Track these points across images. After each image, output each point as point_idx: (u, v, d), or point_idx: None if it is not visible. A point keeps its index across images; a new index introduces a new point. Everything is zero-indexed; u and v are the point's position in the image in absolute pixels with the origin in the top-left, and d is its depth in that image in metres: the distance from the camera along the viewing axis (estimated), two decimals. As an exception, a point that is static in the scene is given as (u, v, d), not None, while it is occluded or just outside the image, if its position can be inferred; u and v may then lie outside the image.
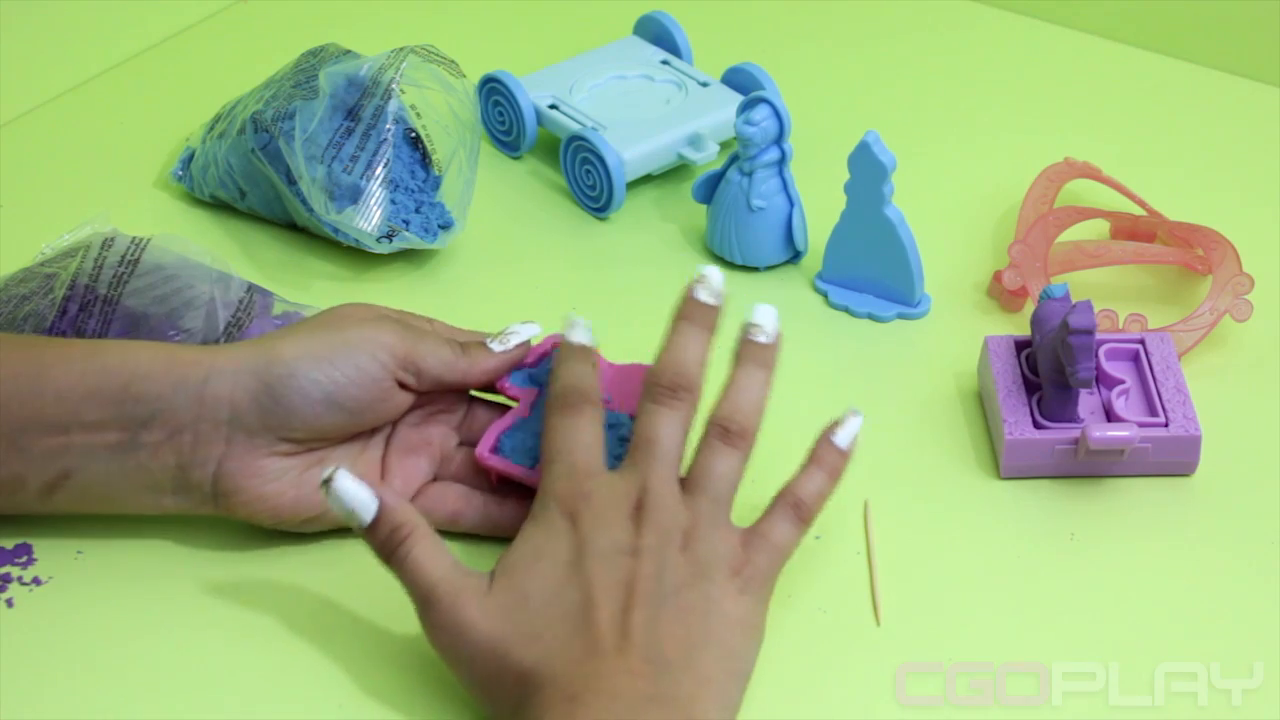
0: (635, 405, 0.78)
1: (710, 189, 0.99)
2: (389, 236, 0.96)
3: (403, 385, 0.79)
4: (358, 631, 0.77)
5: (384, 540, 0.72)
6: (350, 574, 0.80)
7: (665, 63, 1.10)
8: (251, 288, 0.88)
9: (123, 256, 0.86)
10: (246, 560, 0.79)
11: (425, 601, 0.72)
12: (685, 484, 0.75)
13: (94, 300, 0.85)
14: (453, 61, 1.00)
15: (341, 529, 0.80)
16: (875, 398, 0.90)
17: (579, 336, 0.79)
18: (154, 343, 0.80)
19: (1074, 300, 0.83)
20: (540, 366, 0.82)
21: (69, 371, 0.76)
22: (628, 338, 0.83)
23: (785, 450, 0.86)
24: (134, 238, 0.87)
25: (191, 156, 1.04)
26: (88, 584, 0.79)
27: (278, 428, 0.77)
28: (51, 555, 0.80)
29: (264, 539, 0.80)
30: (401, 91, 0.98)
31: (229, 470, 0.77)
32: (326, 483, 0.72)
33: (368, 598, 0.79)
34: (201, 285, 0.86)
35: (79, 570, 0.80)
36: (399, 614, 0.78)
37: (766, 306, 0.79)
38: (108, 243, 0.86)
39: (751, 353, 0.77)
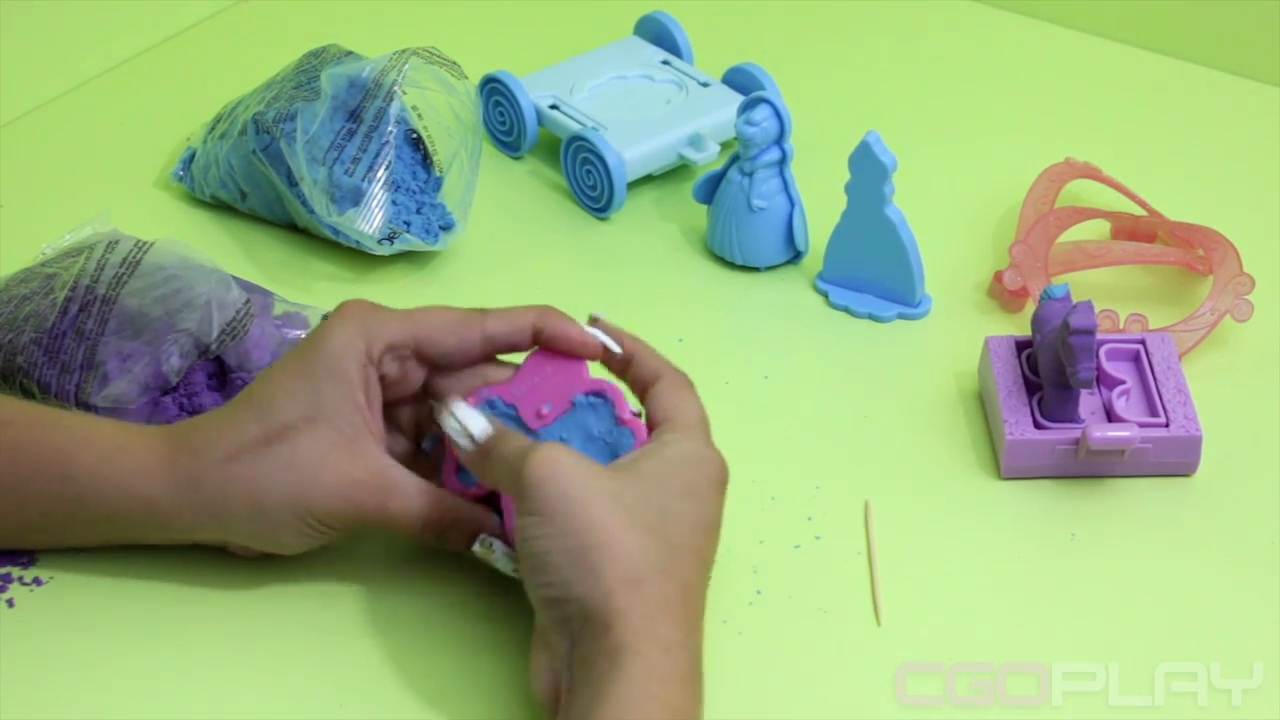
0: (567, 390, 0.77)
1: (711, 189, 0.99)
2: (390, 238, 0.96)
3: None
4: (358, 632, 0.77)
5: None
6: (352, 574, 0.80)
7: (666, 63, 1.10)
8: (250, 296, 0.88)
9: (125, 258, 0.86)
10: (248, 561, 0.79)
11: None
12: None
13: (93, 300, 0.85)
14: (454, 63, 1.00)
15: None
16: (876, 398, 0.90)
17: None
18: (126, 468, 0.76)
19: (1074, 300, 0.83)
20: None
21: (49, 493, 0.76)
22: (628, 337, 0.83)
23: (785, 449, 0.86)
24: (138, 240, 0.87)
25: (192, 157, 1.04)
26: (88, 584, 0.79)
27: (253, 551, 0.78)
28: (51, 555, 0.80)
29: (264, 539, 0.81)
30: (403, 93, 0.98)
31: (237, 554, 0.79)
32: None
33: (369, 598, 0.79)
34: (201, 286, 0.86)
35: (79, 570, 0.79)
36: (400, 614, 0.78)
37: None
38: (111, 244, 0.86)
39: None
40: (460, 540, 0.76)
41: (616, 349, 0.77)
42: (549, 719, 0.70)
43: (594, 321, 0.77)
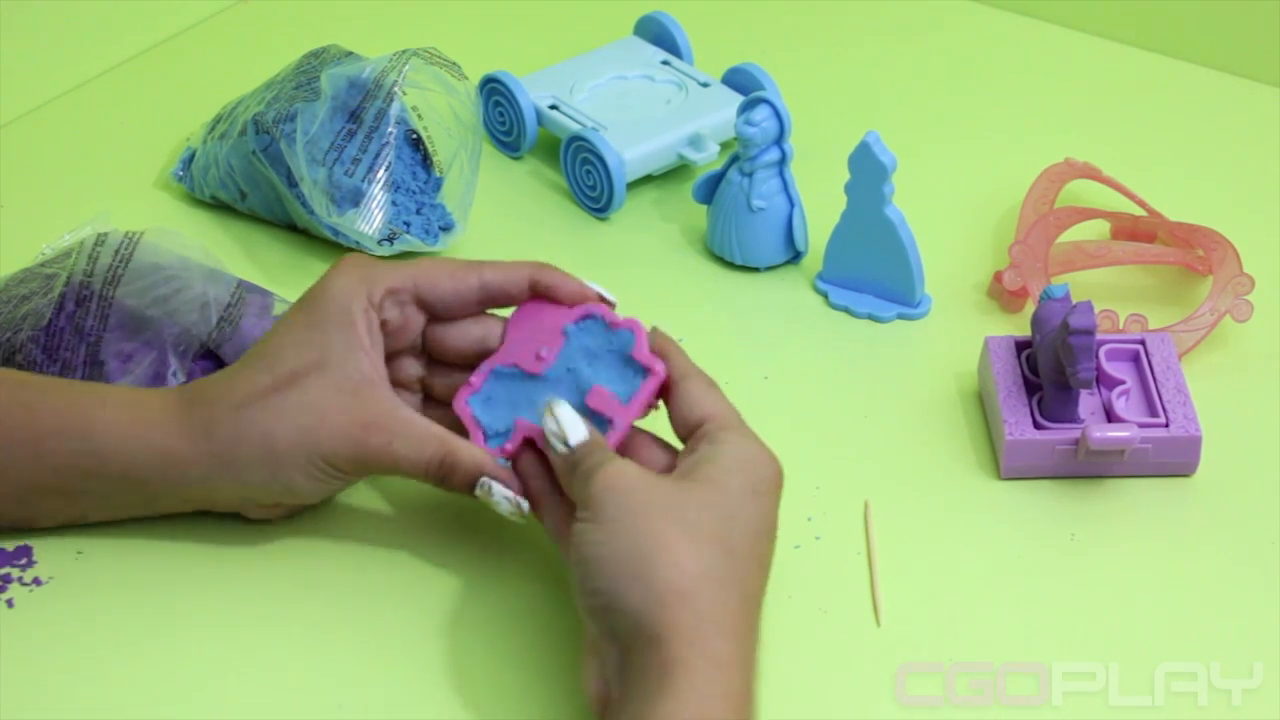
0: (546, 338, 0.78)
1: (710, 189, 0.99)
2: (390, 239, 0.96)
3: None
4: (358, 631, 0.77)
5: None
6: (351, 574, 0.80)
7: (665, 63, 1.10)
8: (241, 285, 0.88)
9: (116, 251, 0.86)
10: (247, 560, 0.79)
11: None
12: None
13: (89, 296, 0.85)
14: (455, 64, 1.00)
15: (346, 520, 0.81)
16: (875, 398, 0.90)
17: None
18: (143, 417, 0.77)
19: (1074, 300, 0.83)
20: (484, 390, 0.79)
21: (64, 448, 0.77)
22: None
23: (785, 449, 0.86)
24: (127, 233, 0.87)
25: (192, 157, 1.04)
26: (88, 584, 0.79)
27: (275, 507, 0.80)
28: (51, 556, 0.80)
29: (266, 538, 0.80)
30: (403, 93, 0.98)
31: (252, 515, 0.80)
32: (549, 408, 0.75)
33: (369, 598, 0.79)
34: (199, 285, 0.86)
35: (79, 570, 0.80)
36: (400, 614, 0.78)
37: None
38: (101, 238, 0.87)
39: None
40: (463, 483, 0.76)
41: (612, 298, 0.79)
42: None
43: (653, 332, 0.78)
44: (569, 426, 0.74)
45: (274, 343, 0.77)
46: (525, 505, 0.76)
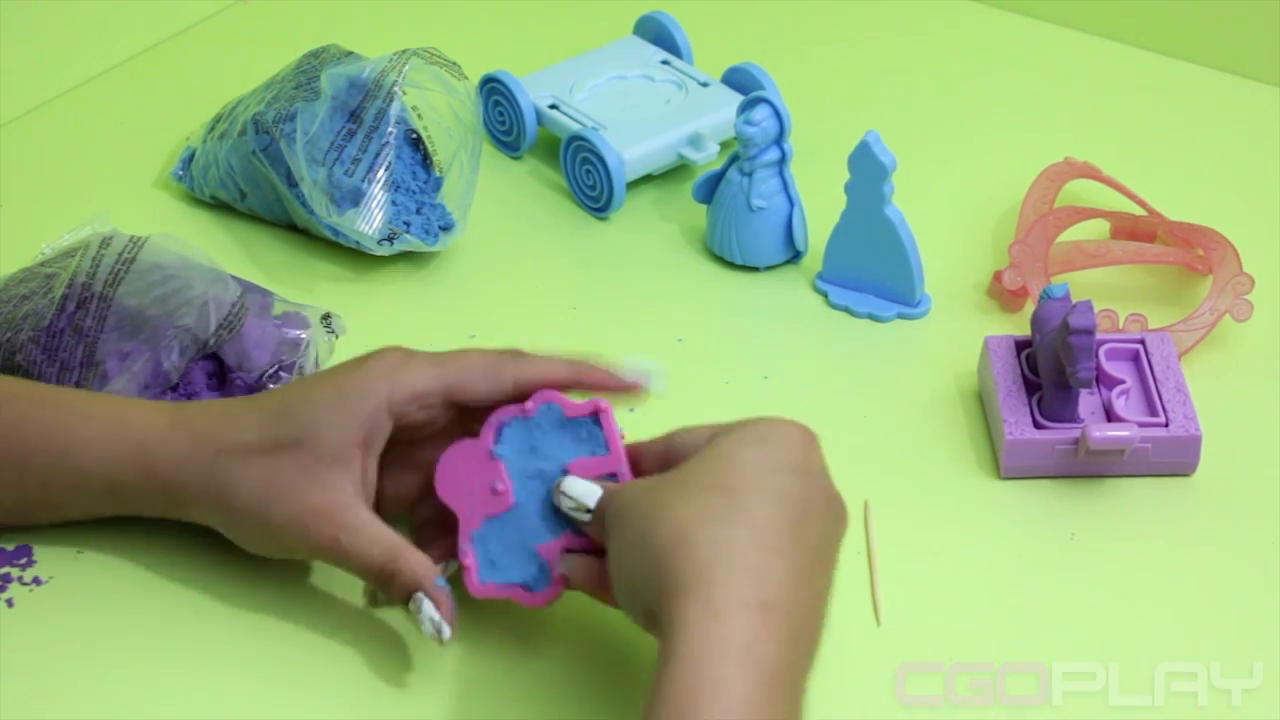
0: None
1: (710, 189, 0.99)
2: (390, 239, 0.96)
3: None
4: (359, 632, 0.77)
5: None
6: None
7: (665, 63, 1.10)
8: (245, 291, 0.88)
9: (119, 255, 0.86)
10: (247, 560, 0.79)
11: None
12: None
13: (90, 298, 0.85)
14: (455, 64, 1.00)
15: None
16: (875, 398, 0.90)
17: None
18: (124, 431, 0.77)
19: (1074, 300, 0.83)
20: (481, 562, 0.76)
21: (50, 467, 0.77)
22: (628, 338, 0.83)
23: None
24: (132, 236, 0.87)
25: (192, 156, 1.04)
26: (88, 584, 0.79)
27: None
28: (51, 555, 0.80)
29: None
30: (403, 93, 0.98)
31: None
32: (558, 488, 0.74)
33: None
34: (199, 285, 0.86)
35: (79, 570, 0.80)
36: (401, 614, 0.78)
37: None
38: (105, 241, 0.87)
39: None
40: (399, 593, 0.74)
41: (660, 385, 0.76)
42: None
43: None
44: (583, 494, 0.73)
45: (276, 402, 0.76)
46: (446, 632, 0.73)
